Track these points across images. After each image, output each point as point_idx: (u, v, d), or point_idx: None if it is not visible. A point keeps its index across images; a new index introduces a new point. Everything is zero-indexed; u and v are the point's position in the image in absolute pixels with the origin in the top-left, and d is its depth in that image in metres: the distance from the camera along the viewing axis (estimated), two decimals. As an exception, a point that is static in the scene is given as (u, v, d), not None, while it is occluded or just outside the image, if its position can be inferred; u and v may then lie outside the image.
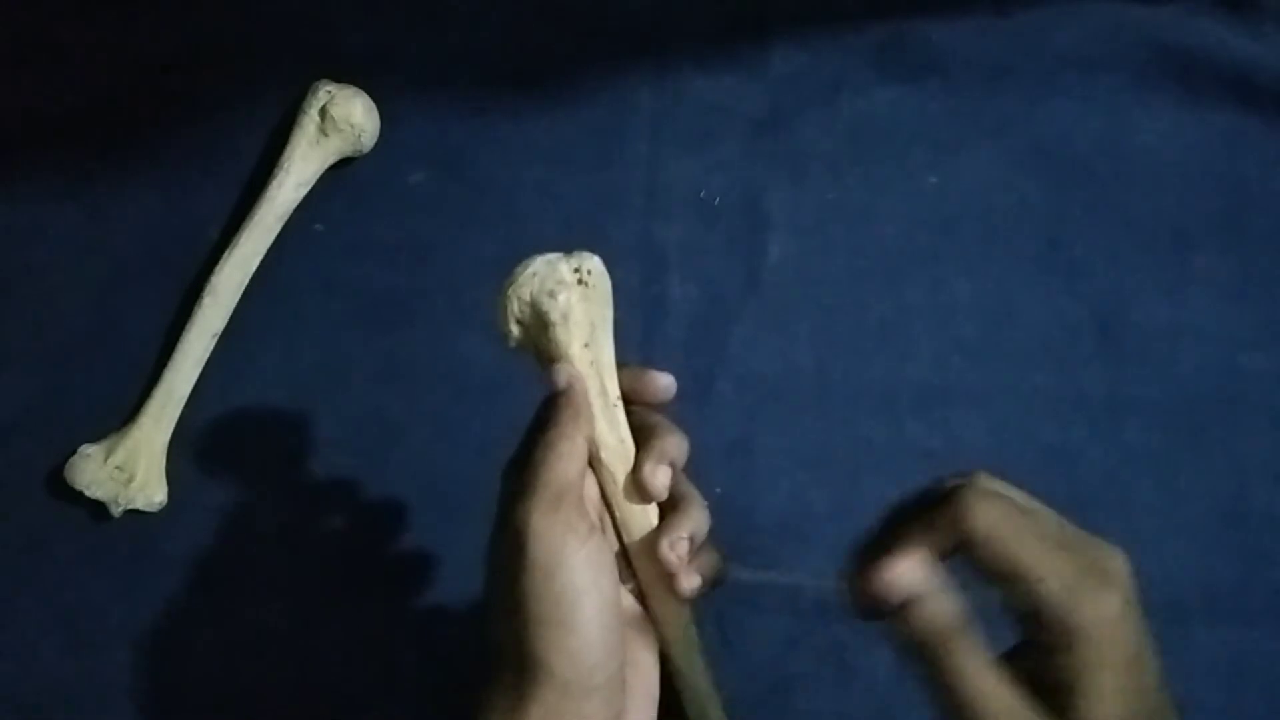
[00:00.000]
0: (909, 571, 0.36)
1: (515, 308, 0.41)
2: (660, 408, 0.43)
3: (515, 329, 0.41)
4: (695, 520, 0.41)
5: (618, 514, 0.42)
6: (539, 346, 0.42)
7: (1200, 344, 0.65)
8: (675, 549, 0.40)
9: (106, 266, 0.66)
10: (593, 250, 0.66)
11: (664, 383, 0.42)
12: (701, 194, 0.67)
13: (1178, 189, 0.67)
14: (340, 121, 0.65)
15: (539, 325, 0.41)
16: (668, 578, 0.40)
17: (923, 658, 0.36)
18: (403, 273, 0.66)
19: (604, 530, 0.42)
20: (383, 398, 0.65)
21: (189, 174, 0.67)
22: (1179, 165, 0.68)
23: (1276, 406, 0.65)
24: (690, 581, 0.40)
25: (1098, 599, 0.35)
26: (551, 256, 0.41)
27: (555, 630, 0.37)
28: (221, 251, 0.64)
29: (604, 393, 0.41)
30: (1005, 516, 0.37)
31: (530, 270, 0.40)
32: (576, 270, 0.41)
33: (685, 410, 0.43)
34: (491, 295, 0.66)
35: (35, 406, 0.65)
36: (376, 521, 0.63)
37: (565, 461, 0.39)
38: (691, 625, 0.42)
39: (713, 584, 0.42)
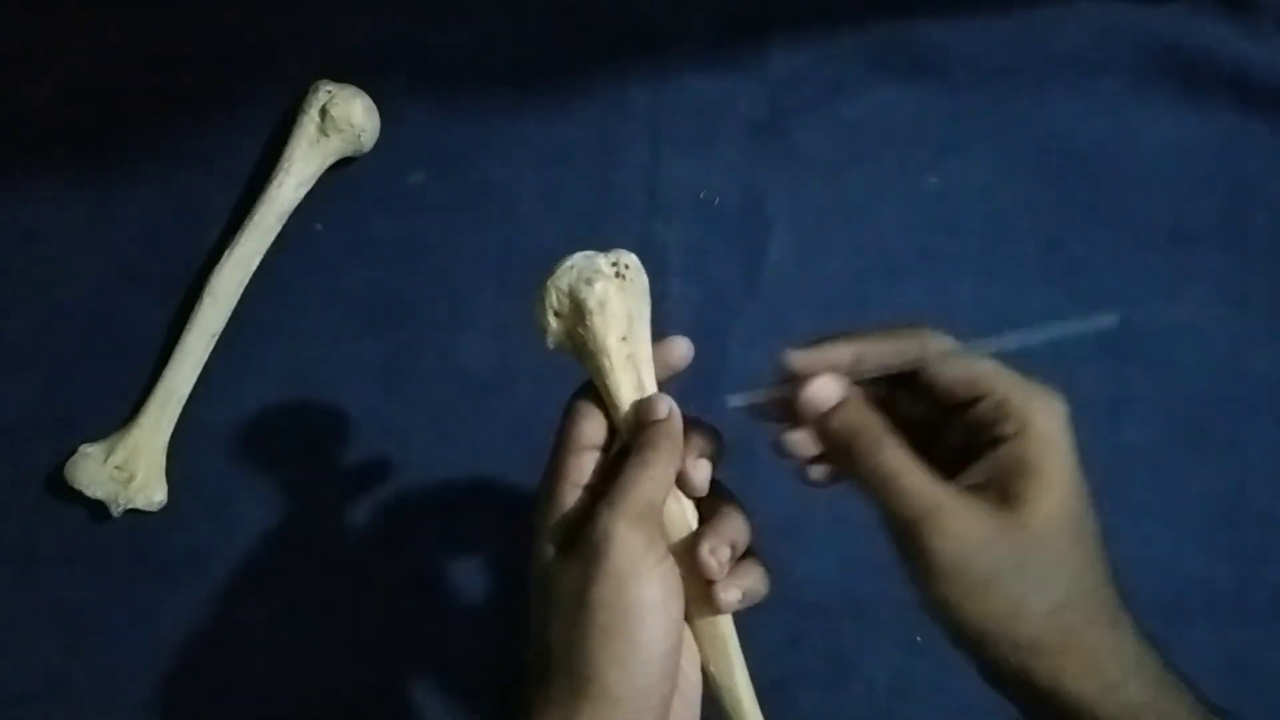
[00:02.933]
0: (831, 381, 0.40)
1: (553, 299, 0.41)
2: (681, 374, 0.43)
3: (553, 321, 0.42)
4: (737, 527, 0.41)
5: None
6: (576, 340, 0.42)
7: (1200, 344, 0.65)
8: (715, 555, 0.40)
9: (107, 266, 0.66)
10: (593, 251, 0.66)
11: (682, 348, 0.43)
12: (701, 194, 0.67)
13: (1178, 189, 0.67)
14: (340, 121, 0.65)
15: (576, 315, 0.41)
16: (706, 586, 0.40)
17: (847, 452, 0.39)
18: (403, 273, 0.66)
19: None
20: (383, 398, 0.65)
21: (189, 174, 0.67)
22: (1179, 165, 0.68)
23: (1276, 406, 0.65)
24: (729, 595, 0.40)
25: (1047, 399, 0.39)
26: (589, 252, 0.42)
27: (619, 643, 0.37)
28: (221, 251, 0.64)
29: (641, 387, 0.42)
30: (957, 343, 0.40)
31: (568, 264, 0.41)
32: (614, 264, 0.41)
33: (685, 410, 0.43)
34: (494, 298, 0.67)
35: (35, 406, 0.65)
36: (376, 521, 0.63)
37: (657, 484, 0.39)
38: (733, 636, 0.42)
39: (755, 600, 0.41)
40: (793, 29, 0.69)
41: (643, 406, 0.41)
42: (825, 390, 0.40)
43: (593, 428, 0.42)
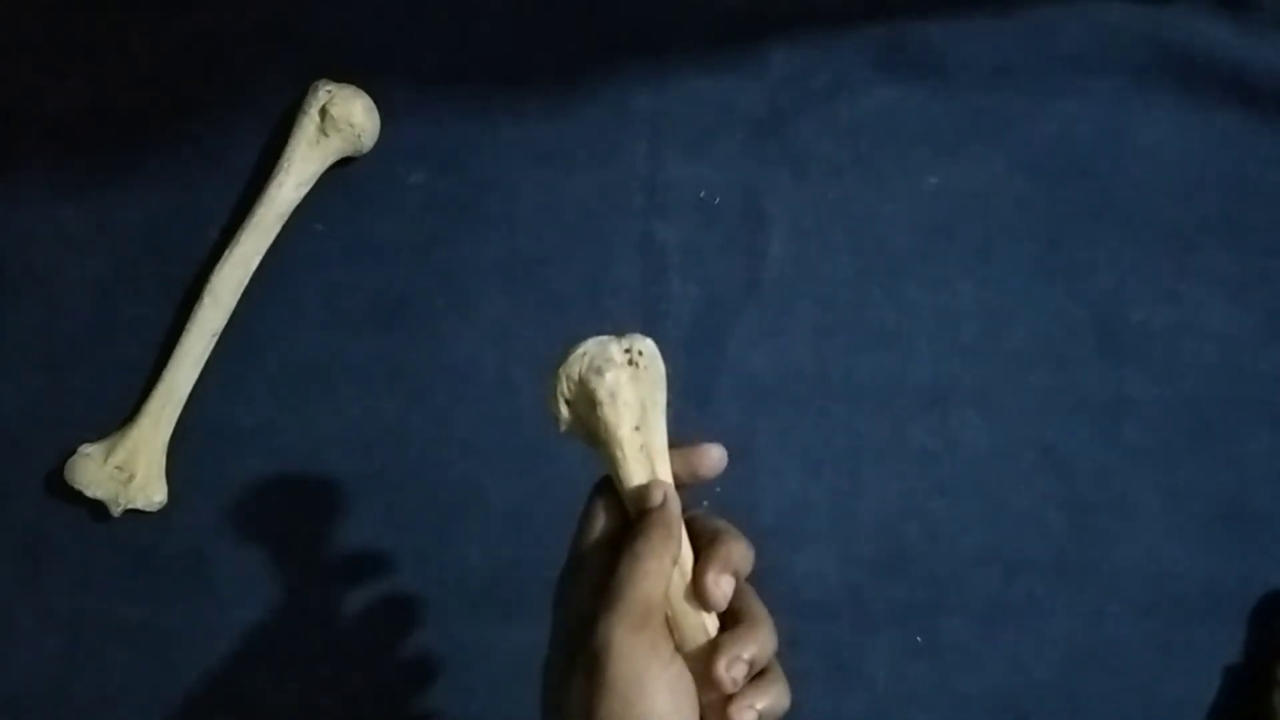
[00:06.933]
0: None
1: (564, 387, 0.40)
2: (714, 481, 0.41)
3: (564, 410, 0.40)
4: (759, 642, 0.39)
5: (670, 617, 0.39)
6: (589, 428, 0.40)
7: (1200, 344, 0.65)
8: (731, 670, 0.37)
9: (106, 266, 0.66)
10: (594, 251, 0.67)
11: (716, 455, 0.41)
12: (701, 194, 0.67)
13: (1178, 189, 0.67)
14: (340, 121, 0.65)
15: (587, 405, 0.40)
16: (722, 701, 0.38)
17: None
18: (403, 273, 0.66)
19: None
20: (383, 398, 0.65)
21: (189, 174, 0.67)
22: (1179, 165, 0.68)
23: (1276, 406, 0.65)
24: (743, 715, 0.38)
25: None
26: (604, 338, 0.40)
27: None
28: (221, 251, 0.64)
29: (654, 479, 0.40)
30: None
31: (580, 350, 0.40)
32: (627, 351, 0.40)
33: (685, 410, 0.43)
34: (494, 298, 0.67)
35: (35, 406, 0.65)
36: (376, 522, 0.63)
37: (653, 580, 0.38)
38: None
39: (773, 718, 0.39)
40: (793, 29, 0.69)
41: (636, 494, 0.40)
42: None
43: (607, 524, 0.40)
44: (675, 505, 0.39)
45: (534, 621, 0.42)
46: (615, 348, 0.40)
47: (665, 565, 0.38)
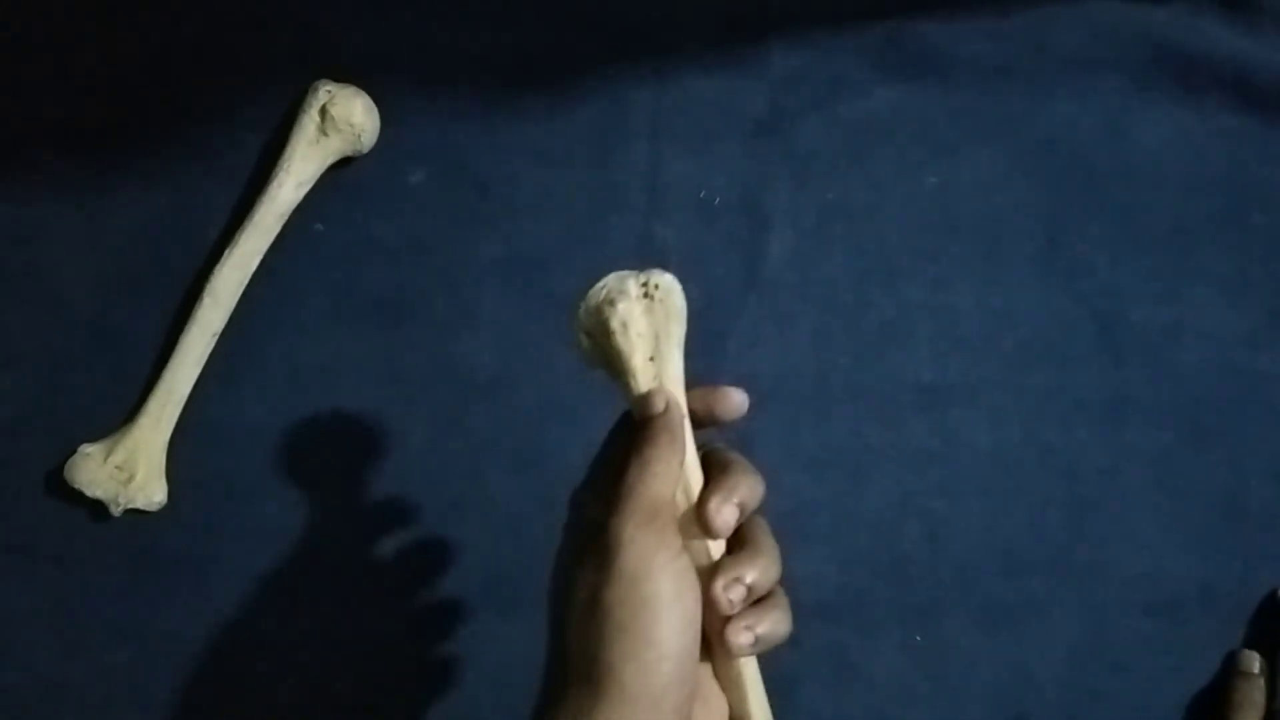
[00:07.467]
0: None
1: (583, 317, 0.42)
2: (734, 424, 0.42)
3: (584, 340, 0.42)
4: (760, 568, 0.39)
5: None
6: (605, 358, 0.42)
7: (1200, 344, 0.65)
8: (729, 592, 0.39)
9: (106, 266, 0.66)
10: (594, 251, 0.67)
11: (737, 399, 0.42)
12: (701, 194, 0.67)
13: (1178, 189, 0.67)
14: (340, 121, 0.65)
15: (603, 335, 0.41)
16: (720, 622, 0.39)
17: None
18: (403, 273, 0.66)
19: None
20: (383, 398, 0.65)
21: (189, 174, 0.67)
22: (1179, 165, 0.68)
23: (1276, 406, 0.65)
24: (741, 639, 0.39)
25: None
26: (624, 272, 0.42)
27: (633, 640, 0.36)
28: (221, 251, 0.64)
29: None
30: None
31: (601, 283, 0.42)
32: (644, 284, 0.42)
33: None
34: (494, 298, 0.67)
35: (35, 406, 0.65)
36: (377, 521, 0.63)
37: (660, 481, 0.39)
38: (751, 670, 0.41)
39: (773, 643, 0.40)
40: (793, 29, 0.69)
41: (640, 402, 0.41)
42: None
43: (625, 448, 0.41)
44: (679, 413, 0.41)
45: (534, 621, 0.42)
46: (633, 281, 0.42)
47: (672, 466, 0.39)
